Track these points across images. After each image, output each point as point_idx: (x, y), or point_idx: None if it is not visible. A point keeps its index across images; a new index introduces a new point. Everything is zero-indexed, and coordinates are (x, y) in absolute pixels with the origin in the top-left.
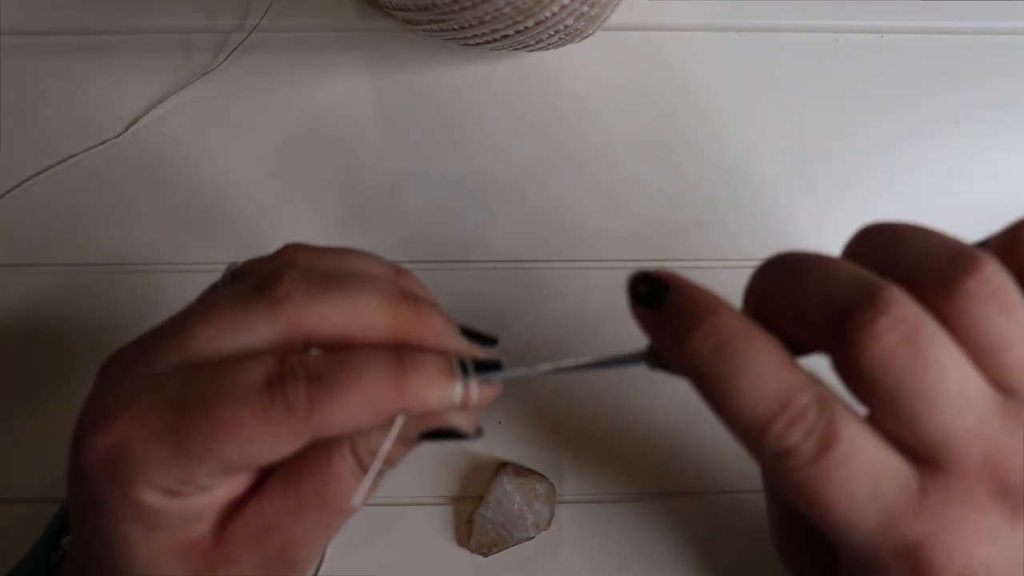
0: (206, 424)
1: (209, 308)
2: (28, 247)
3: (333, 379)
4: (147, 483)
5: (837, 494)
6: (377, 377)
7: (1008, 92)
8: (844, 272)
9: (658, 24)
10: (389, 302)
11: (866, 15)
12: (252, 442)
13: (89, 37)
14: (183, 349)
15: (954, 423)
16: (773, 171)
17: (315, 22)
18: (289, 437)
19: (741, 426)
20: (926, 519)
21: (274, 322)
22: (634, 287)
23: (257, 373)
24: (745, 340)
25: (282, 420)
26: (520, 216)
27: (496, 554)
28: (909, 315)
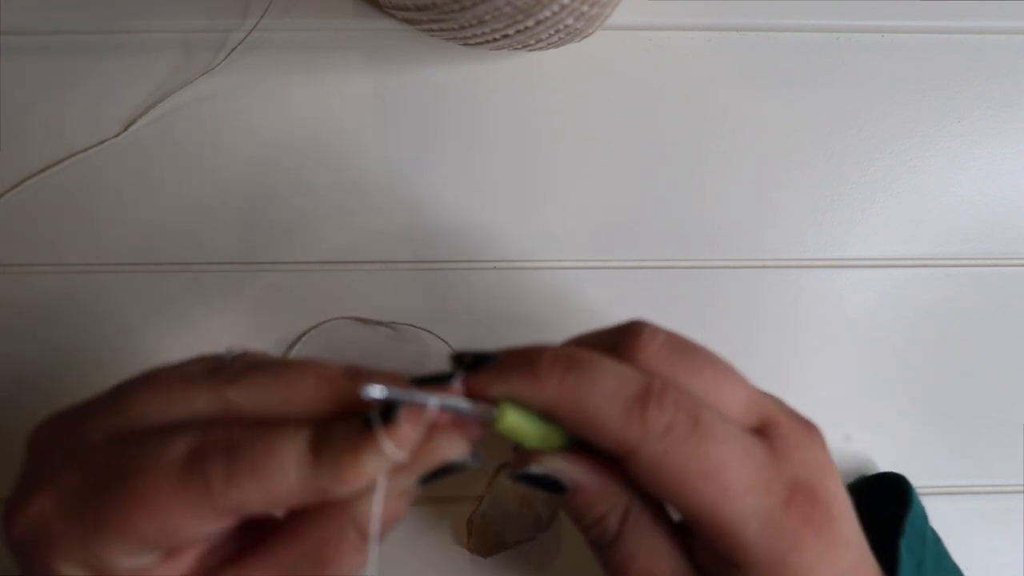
0: (120, 498)
1: (152, 378)
2: (28, 247)
3: (250, 454)
4: (66, 561)
5: (726, 454)
6: (290, 450)
7: (1009, 92)
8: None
9: (658, 24)
10: (328, 378)
11: (866, 15)
12: (169, 518)
13: (89, 37)
14: (116, 414)
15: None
16: (773, 171)
17: (315, 22)
18: (207, 513)
19: (617, 421)
20: (786, 468)
21: (213, 401)
22: (459, 360)
23: (179, 446)
24: (584, 352)
25: (199, 495)
26: (520, 216)
27: (496, 554)
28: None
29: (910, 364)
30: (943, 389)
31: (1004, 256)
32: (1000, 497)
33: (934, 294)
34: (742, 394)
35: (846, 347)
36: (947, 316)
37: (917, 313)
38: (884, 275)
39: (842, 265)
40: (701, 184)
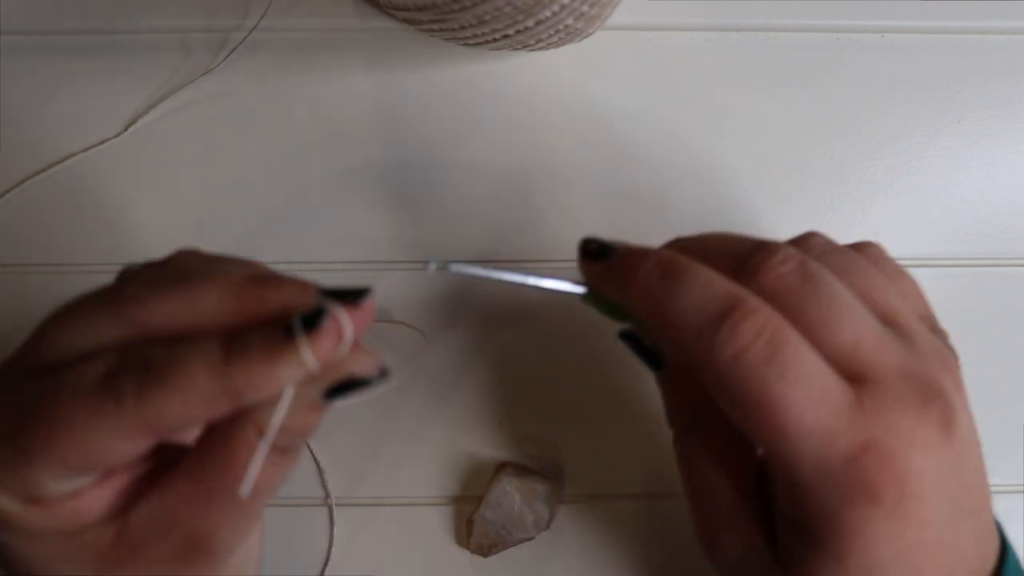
0: (42, 425)
1: (62, 312)
2: (28, 247)
3: (160, 369)
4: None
5: (794, 393)
6: (199, 360)
7: (1009, 92)
8: (712, 282)
9: (658, 24)
10: (234, 288)
11: (866, 15)
12: (87, 439)
13: (89, 37)
14: (36, 355)
15: (862, 331)
16: (773, 171)
17: (315, 22)
18: (124, 432)
19: (691, 333)
20: (868, 424)
21: (118, 323)
22: (585, 245)
23: (95, 369)
24: (688, 263)
25: (113, 413)
26: (520, 216)
27: (496, 554)
28: (771, 315)
29: None
30: None
31: (1004, 256)
32: (1000, 497)
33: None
34: (851, 337)
35: None
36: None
37: None
38: None
39: None
40: (701, 184)
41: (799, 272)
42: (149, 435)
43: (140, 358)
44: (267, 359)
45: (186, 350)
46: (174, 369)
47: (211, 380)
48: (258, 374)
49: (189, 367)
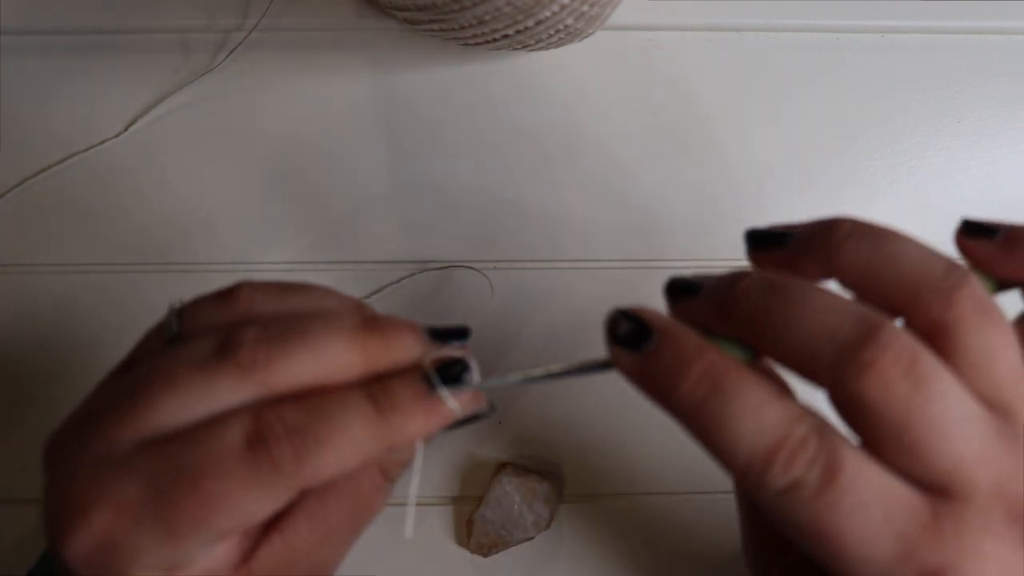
0: (193, 500)
1: (169, 378)
2: (28, 247)
3: (315, 430)
4: (141, 568)
5: (849, 524)
6: (356, 420)
7: (1009, 91)
8: (838, 305)
9: (658, 24)
10: (356, 339)
11: (866, 15)
12: (244, 507)
13: (89, 37)
14: (145, 424)
15: (962, 450)
16: (773, 171)
17: (315, 22)
18: (281, 494)
19: (740, 466)
20: (944, 548)
21: (244, 388)
22: (612, 327)
23: (235, 436)
24: (737, 381)
25: (272, 480)
26: (520, 216)
27: (496, 554)
28: (908, 349)
29: None
30: None
31: None
32: None
33: None
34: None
35: None
36: None
37: None
38: None
39: None
40: (701, 184)
41: (907, 381)
42: (299, 492)
43: (287, 422)
44: (420, 411)
45: (338, 409)
46: (332, 430)
47: (368, 436)
48: (414, 425)
49: (346, 426)
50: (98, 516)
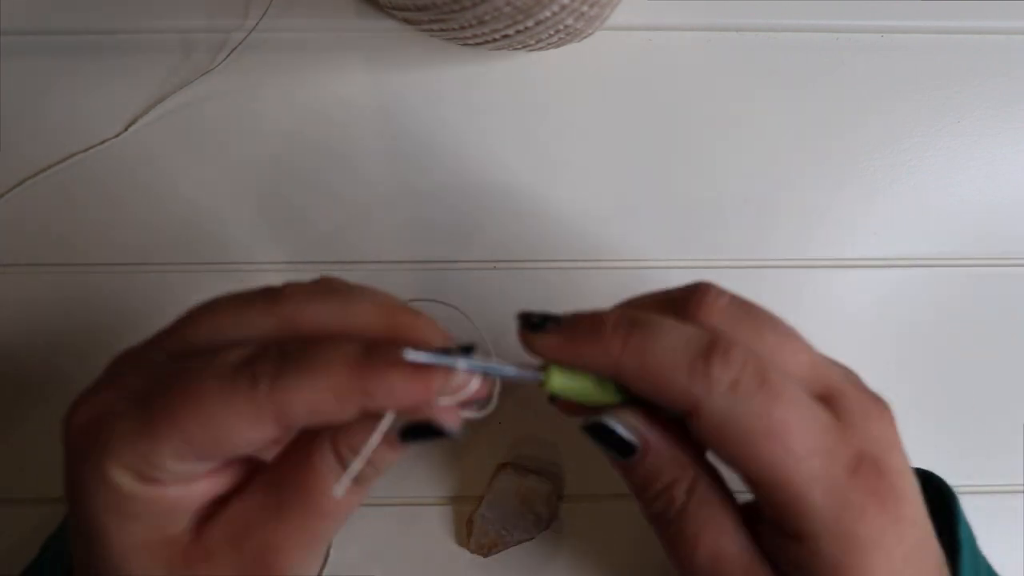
0: (171, 399)
1: (213, 303)
2: (28, 247)
3: (300, 358)
4: (115, 459)
5: (792, 416)
6: (343, 359)
7: (1009, 92)
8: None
9: (658, 24)
10: (386, 309)
11: (866, 15)
12: (216, 419)
13: (89, 37)
14: (181, 339)
15: (808, 351)
16: (773, 171)
17: (315, 22)
18: (252, 415)
19: (682, 375)
20: (852, 438)
21: (270, 317)
22: (526, 320)
23: (236, 355)
24: (644, 314)
25: (245, 395)
26: (520, 216)
27: (496, 554)
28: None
29: (910, 364)
30: (943, 389)
31: (1004, 256)
32: (1000, 497)
33: (934, 294)
34: (806, 358)
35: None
36: (947, 316)
37: (917, 313)
38: (884, 275)
39: (842, 265)
40: (701, 184)
41: (736, 304)
42: (275, 424)
43: (280, 347)
44: (405, 373)
45: (327, 344)
46: (313, 359)
47: (347, 375)
48: (394, 383)
49: (328, 358)
50: (101, 395)
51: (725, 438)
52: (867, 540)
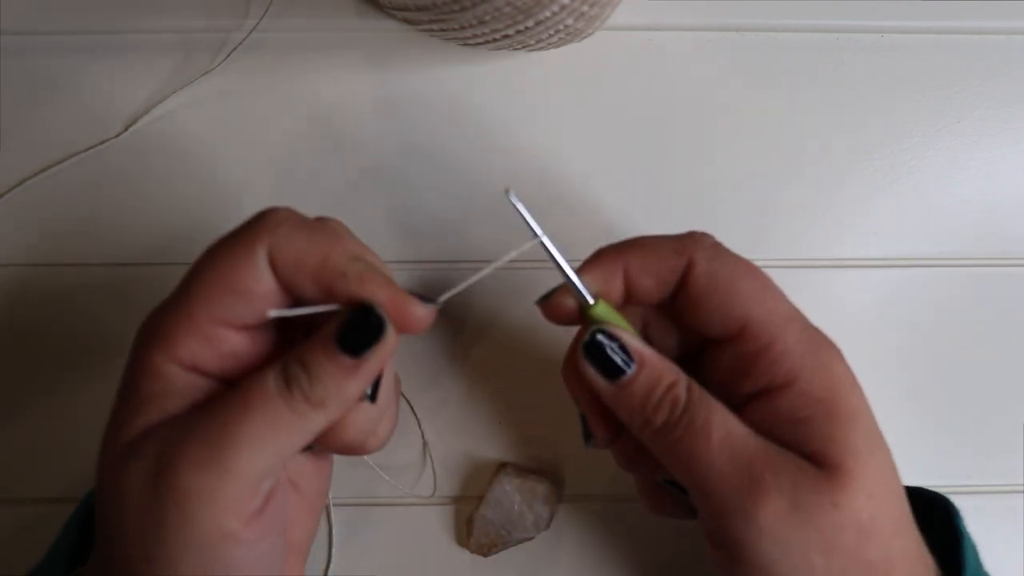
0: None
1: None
2: (28, 247)
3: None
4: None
5: (768, 282)
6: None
7: (1009, 92)
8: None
9: (658, 24)
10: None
11: (866, 15)
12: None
13: (89, 37)
14: None
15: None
16: (772, 171)
17: (315, 22)
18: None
19: (673, 248)
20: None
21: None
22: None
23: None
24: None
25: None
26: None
27: (496, 554)
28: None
29: (910, 364)
30: (943, 389)
31: (1004, 256)
32: (1000, 497)
33: (934, 294)
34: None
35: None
36: (947, 316)
37: (917, 313)
38: (884, 275)
39: (842, 265)
40: (701, 184)
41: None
42: (275, 295)
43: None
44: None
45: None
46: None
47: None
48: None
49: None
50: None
51: (715, 281)
52: (846, 378)
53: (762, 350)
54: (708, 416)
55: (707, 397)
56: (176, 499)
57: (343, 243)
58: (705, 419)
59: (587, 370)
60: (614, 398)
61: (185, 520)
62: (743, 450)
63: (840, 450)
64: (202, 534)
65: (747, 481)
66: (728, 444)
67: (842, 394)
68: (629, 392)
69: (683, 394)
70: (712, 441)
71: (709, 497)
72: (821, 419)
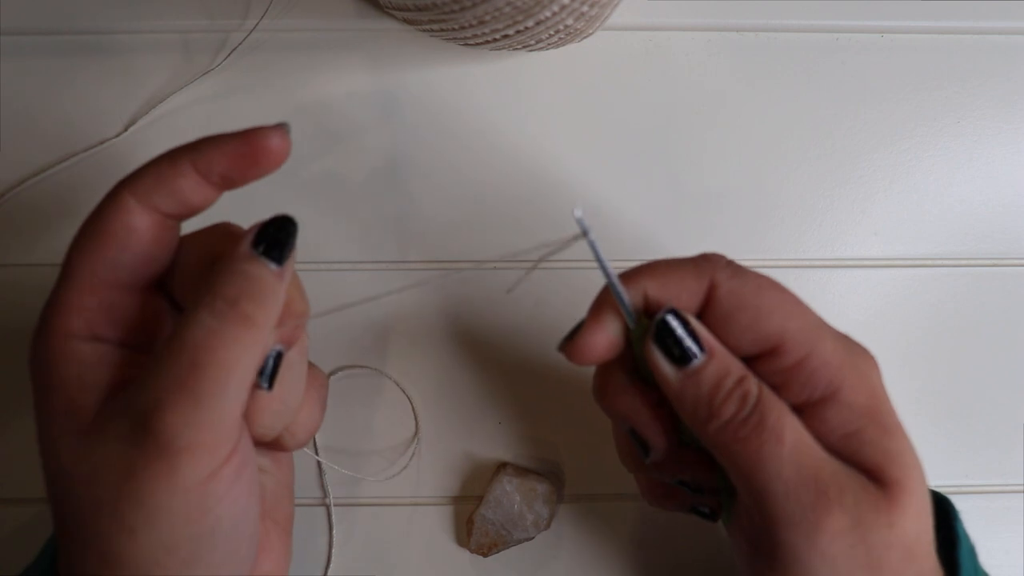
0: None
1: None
2: (28, 247)
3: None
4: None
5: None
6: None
7: (1008, 92)
8: None
9: (658, 24)
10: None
11: (866, 15)
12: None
13: (89, 37)
14: None
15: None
16: (773, 171)
17: (315, 22)
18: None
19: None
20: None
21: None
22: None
23: None
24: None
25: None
26: (520, 216)
27: (496, 554)
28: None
29: (910, 364)
30: (943, 389)
31: (1004, 256)
32: (1000, 497)
33: (934, 294)
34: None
35: None
36: (947, 316)
37: (917, 313)
38: (884, 275)
39: (842, 265)
40: (701, 184)
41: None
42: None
43: None
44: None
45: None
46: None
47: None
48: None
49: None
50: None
51: (741, 299)
52: (882, 387)
53: (799, 363)
54: (780, 417)
55: (777, 399)
56: (161, 450)
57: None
58: (777, 419)
59: (654, 355)
60: (680, 386)
61: (173, 469)
62: (812, 460)
63: (897, 467)
64: (189, 478)
65: (814, 494)
66: (798, 451)
67: (884, 404)
68: (697, 380)
69: (754, 389)
70: (784, 444)
71: (770, 503)
72: (872, 432)
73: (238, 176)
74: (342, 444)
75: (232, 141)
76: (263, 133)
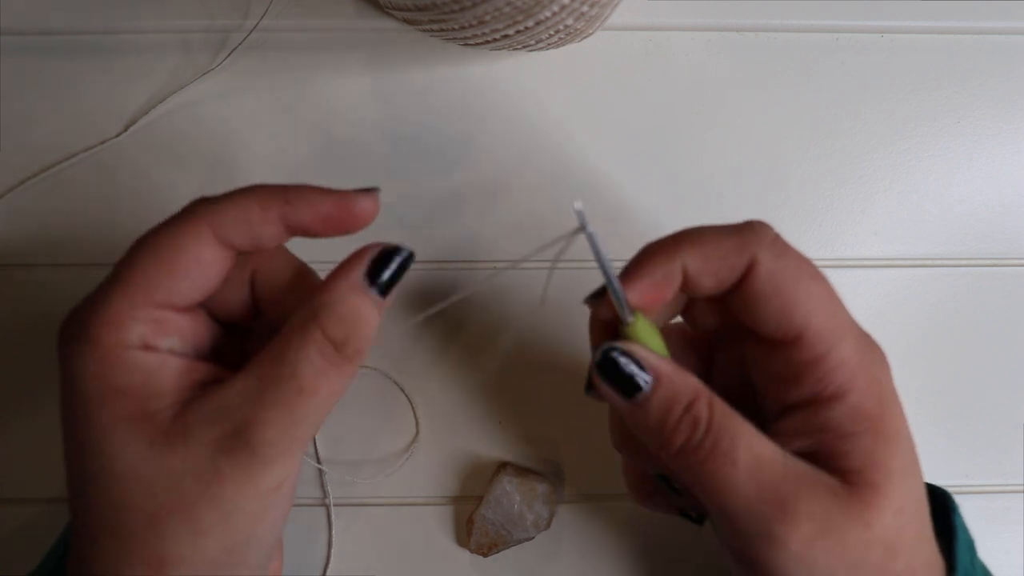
0: (135, 252)
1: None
2: (28, 247)
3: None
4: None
5: (827, 285)
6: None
7: (1008, 92)
8: None
9: (658, 24)
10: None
11: (866, 15)
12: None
13: (89, 37)
14: None
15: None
16: (774, 171)
17: (315, 22)
18: (191, 231)
19: (734, 241)
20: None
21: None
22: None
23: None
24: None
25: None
26: (520, 216)
27: (496, 554)
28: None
29: (910, 364)
30: (943, 389)
31: (1004, 256)
32: (1000, 497)
33: (934, 294)
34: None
35: None
36: (947, 316)
37: (917, 313)
38: (884, 275)
39: (842, 265)
40: (700, 184)
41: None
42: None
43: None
44: (323, 189)
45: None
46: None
47: (268, 190)
48: (309, 191)
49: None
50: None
51: (778, 285)
52: (893, 393)
53: (817, 360)
54: (734, 439)
55: (732, 416)
56: (253, 459)
57: (265, 186)
58: (731, 442)
59: (603, 388)
60: (631, 417)
61: (258, 476)
62: (771, 475)
63: (878, 472)
64: (265, 484)
65: (775, 507)
66: (755, 469)
67: (890, 411)
68: (645, 410)
69: (704, 413)
70: (738, 467)
71: (734, 521)
72: (867, 437)
73: (321, 232)
74: (342, 444)
75: (327, 201)
76: (356, 198)
